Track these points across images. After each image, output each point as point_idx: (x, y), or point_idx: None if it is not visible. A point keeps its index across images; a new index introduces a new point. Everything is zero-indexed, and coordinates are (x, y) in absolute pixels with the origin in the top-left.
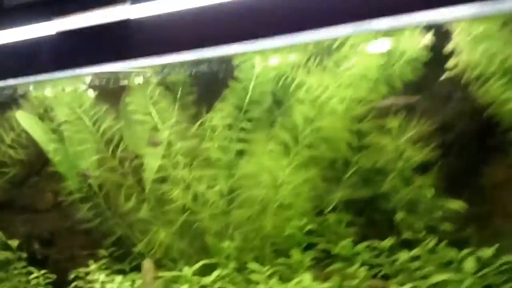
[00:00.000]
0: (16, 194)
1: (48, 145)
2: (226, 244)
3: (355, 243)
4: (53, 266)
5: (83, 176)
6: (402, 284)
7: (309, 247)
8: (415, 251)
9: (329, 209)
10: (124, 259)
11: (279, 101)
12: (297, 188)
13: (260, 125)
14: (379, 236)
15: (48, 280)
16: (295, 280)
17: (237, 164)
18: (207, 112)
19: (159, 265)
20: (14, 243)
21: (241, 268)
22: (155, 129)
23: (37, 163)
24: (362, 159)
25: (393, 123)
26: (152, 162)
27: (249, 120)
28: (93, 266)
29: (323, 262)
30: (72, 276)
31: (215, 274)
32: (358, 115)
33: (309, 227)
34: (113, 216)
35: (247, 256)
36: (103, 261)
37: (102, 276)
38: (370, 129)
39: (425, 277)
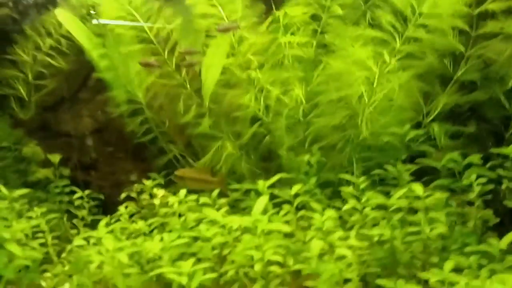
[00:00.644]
0: (52, 119)
1: (93, 50)
2: (305, 158)
3: (464, 155)
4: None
5: (146, 65)
6: None
7: (409, 159)
8: None
9: (432, 116)
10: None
11: None
12: (397, 90)
13: (352, 14)
14: (489, 148)
15: (93, 203)
16: (400, 192)
17: (320, 64)
18: (281, 3)
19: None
20: (55, 158)
21: (324, 185)
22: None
23: (79, 73)
24: (480, 52)
25: None
26: (216, 62)
27: (338, 8)
28: (147, 183)
29: (425, 177)
30: (122, 196)
31: (296, 188)
32: None
33: (409, 136)
34: (168, 131)
35: (330, 172)
36: (157, 181)
37: (161, 192)
38: (494, 13)
39: None
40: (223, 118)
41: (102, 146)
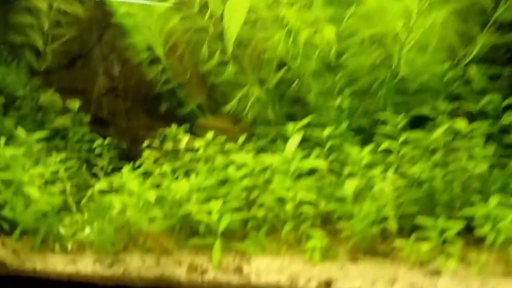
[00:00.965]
0: (67, 77)
1: None
2: (336, 102)
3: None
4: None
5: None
6: None
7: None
8: None
9: (469, 58)
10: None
11: None
12: (436, 28)
13: None
14: None
15: (113, 152)
16: (441, 129)
17: (353, 2)
18: None
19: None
20: (74, 104)
21: (356, 131)
22: None
23: (95, 28)
24: None
25: None
26: (242, 2)
27: None
28: (171, 129)
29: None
30: (145, 144)
31: (328, 130)
32: None
33: (448, 76)
34: (189, 81)
35: (362, 118)
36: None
37: (186, 137)
38: None
39: None
40: (248, 64)
41: (118, 103)
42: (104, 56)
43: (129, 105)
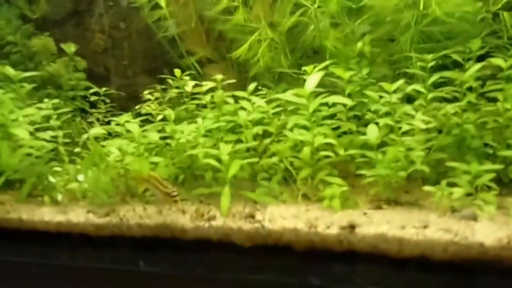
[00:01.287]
0: (61, 34)
1: None
2: (357, 46)
3: None
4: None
5: None
6: None
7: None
8: None
9: (500, 4)
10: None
11: None
12: None
13: None
14: None
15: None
16: (475, 66)
17: None
18: None
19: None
20: (70, 48)
21: (378, 80)
22: None
23: None
24: None
25: None
26: None
27: None
28: (175, 73)
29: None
30: (145, 93)
31: (348, 74)
32: None
33: (478, 21)
34: (194, 30)
35: (383, 66)
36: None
37: (191, 82)
38: None
39: None
40: (260, 8)
41: (115, 61)
42: (104, 9)
43: (127, 64)
